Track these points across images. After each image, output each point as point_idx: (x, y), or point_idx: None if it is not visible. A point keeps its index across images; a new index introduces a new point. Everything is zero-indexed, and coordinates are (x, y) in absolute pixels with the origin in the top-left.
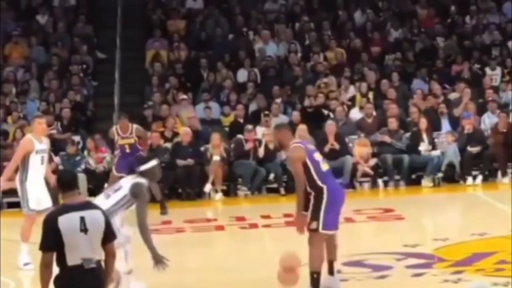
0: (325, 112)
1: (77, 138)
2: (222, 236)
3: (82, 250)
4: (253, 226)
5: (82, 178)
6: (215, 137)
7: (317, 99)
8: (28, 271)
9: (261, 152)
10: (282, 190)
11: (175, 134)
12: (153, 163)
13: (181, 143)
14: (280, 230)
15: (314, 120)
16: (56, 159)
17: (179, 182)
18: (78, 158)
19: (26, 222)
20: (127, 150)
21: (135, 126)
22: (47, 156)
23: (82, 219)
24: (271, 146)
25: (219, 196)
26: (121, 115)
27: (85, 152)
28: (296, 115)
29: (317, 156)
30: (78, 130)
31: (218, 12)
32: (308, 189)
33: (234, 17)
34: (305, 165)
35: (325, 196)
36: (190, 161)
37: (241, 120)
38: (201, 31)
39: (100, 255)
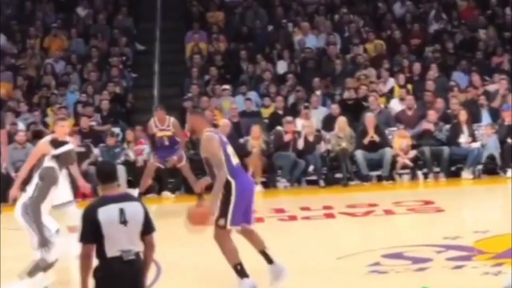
0: (365, 104)
1: (116, 130)
2: (261, 228)
3: (121, 241)
4: (293, 218)
5: (121, 170)
6: (255, 129)
7: (358, 91)
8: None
9: (300, 144)
10: (322, 182)
11: (215, 126)
12: (67, 147)
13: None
14: (319, 222)
15: (354, 112)
16: (96, 150)
17: None
18: (117, 150)
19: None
20: (166, 143)
21: (172, 119)
22: None
23: (122, 210)
24: (310, 138)
25: (258, 188)
26: (158, 107)
27: (125, 144)
28: (335, 107)
29: (229, 149)
30: (118, 122)
31: (257, 4)
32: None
33: (273, 8)
34: None
35: (233, 191)
36: None
37: (281, 112)
38: (241, 23)
39: (139, 247)
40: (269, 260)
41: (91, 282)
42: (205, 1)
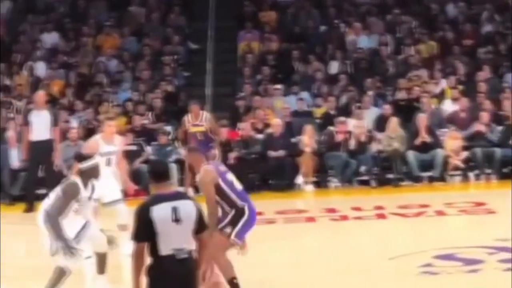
0: (417, 105)
1: (168, 128)
2: (313, 228)
3: (174, 240)
4: (344, 218)
5: (173, 169)
6: (307, 129)
7: (410, 92)
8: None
9: (352, 144)
10: (373, 183)
11: (266, 125)
12: (92, 162)
13: (273, 135)
14: (370, 222)
15: (406, 112)
16: (148, 149)
17: (271, 173)
18: (169, 148)
19: None
20: (199, 137)
21: (207, 114)
22: (115, 158)
23: (175, 209)
24: (362, 138)
25: (310, 187)
26: (192, 102)
27: (177, 143)
28: (387, 107)
29: (230, 176)
30: (170, 120)
31: (310, 4)
32: (227, 209)
33: (326, 9)
34: (218, 187)
35: (246, 214)
36: (281, 153)
37: (333, 112)
38: (293, 23)
39: (192, 245)
40: None
41: (143, 280)
42: (258, 0)
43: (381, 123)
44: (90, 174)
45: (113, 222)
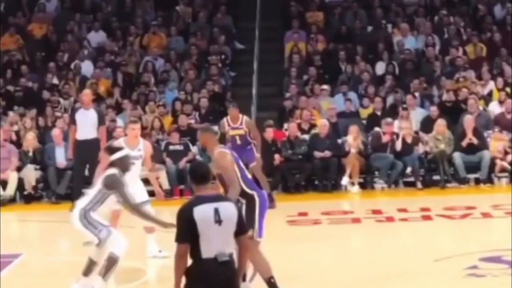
0: (464, 106)
1: (215, 128)
2: (358, 229)
3: (216, 242)
4: (390, 219)
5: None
6: (353, 130)
7: (458, 93)
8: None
9: (398, 145)
10: (419, 184)
11: (312, 125)
12: (122, 153)
13: (319, 135)
14: (416, 224)
15: (452, 114)
16: (194, 149)
17: (316, 173)
18: None
19: (112, 218)
20: (238, 142)
21: (245, 117)
22: (140, 162)
23: (216, 210)
24: (408, 139)
25: (356, 188)
26: (231, 105)
27: None
28: (434, 109)
29: (242, 164)
30: (216, 120)
31: (357, 5)
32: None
33: (373, 9)
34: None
35: (257, 203)
36: (327, 153)
37: (379, 113)
38: (340, 24)
39: (233, 248)
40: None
41: (183, 281)
42: (305, 1)
43: (427, 125)
44: (121, 165)
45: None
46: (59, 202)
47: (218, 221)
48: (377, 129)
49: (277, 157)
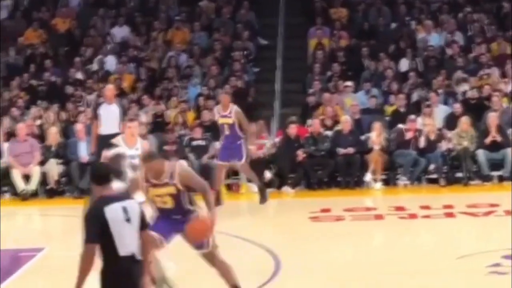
0: (487, 103)
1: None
2: (381, 225)
3: (129, 240)
4: (413, 216)
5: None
6: (376, 126)
7: (481, 90)
8: None
9: (421, 142)
10: (442, 181)
11: (336, 122)
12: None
13: (342, 131)
14: (439, 221)
15: (476, 111)
16: (216, 144)
17: (339, 170)
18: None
19: None
20: (226, 132)
21: (235, 107)
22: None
23: (125, 209)
24: (432, 136)
25: (378, 185)
26: (223, 92)
27: None
28: (457, 106)
29: None
30: None
31: (381, 1)
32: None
33: (397, 6)
34: None
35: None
36: (350, 150)
37: (402, 110)
38: (364, 20)
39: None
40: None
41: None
42: None
43: (451, 122)
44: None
45: None
46: (81, 197)
47: (128, 219)
48: (400, 125)
49: (300, 153)
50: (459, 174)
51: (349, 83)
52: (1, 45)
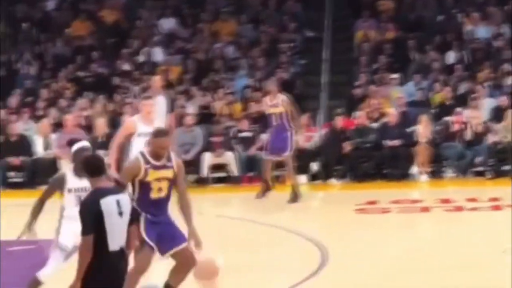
0: None
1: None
2: (427, 218)
3: (119, 234)
4: (459, 209)
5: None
6: (423, 119)
7: None
8: None
9: (468, 134)
10: (489, 174)
11: (382, 114)
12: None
13: (388, 124)
14: (486, 214)
15: None
16: (263, 136)
17: (385, 162)
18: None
19: None
20: (274, 122)
21: (283, 96)
22: None
23: (118, 202)
24: (478, 129)
25: (425, 177)
26: (270, 81)
27: None
28: (504, 99)
29: None
30: None
31: None
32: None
33: None
34: None
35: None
36: (396, 142)
37: (449, 102)
38: (410, 12)
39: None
40: None
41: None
42: None
43: (497, 114)
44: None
45: None
46: None
47: (120, 213)
48: (446, 118)
49: (346, 145)
50: (506, 167)
51: (395, 75)
52: (48, 36)
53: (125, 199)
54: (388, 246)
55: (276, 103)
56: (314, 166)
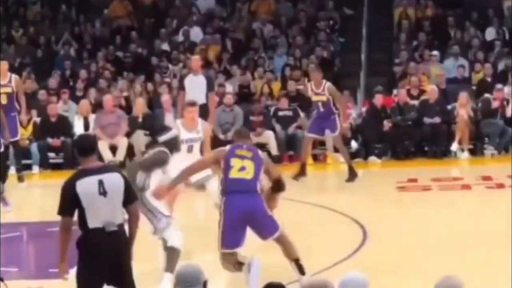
0: None
1: None
2: (468, 195)
3: (102, 213)
4: (500, 186)
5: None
6: (463, 96)
7: None
8: None
9: (508, 111)
10: None
11: (422, 91)
12: (171, 134)
13: (428, 101)
14: None
15: None
16: (302, 114)
17: (426, 140)
18: None
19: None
20: (321, 109)
21: (328, 83)
22: (198, 145)
23: (101, 182)
24: None
25: (465, 155)
26: (314, 69)
27: None
28: None
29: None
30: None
31: None
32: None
33: None
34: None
35: (222, 209)
36: (437, 119)
37: (489, 79)
38: None
39: (121, 218)
40: (301, 271)
41: (73, 253)
42: None
43: None
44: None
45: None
46: None
47: (103, 192)
48: (487, 95)
49: (386, 123)
50: None
51: (435, 52)
52: (87, 17)
53: (112, 179)
54: (429, 224)
55: (321, 92)
56: (354, 144)
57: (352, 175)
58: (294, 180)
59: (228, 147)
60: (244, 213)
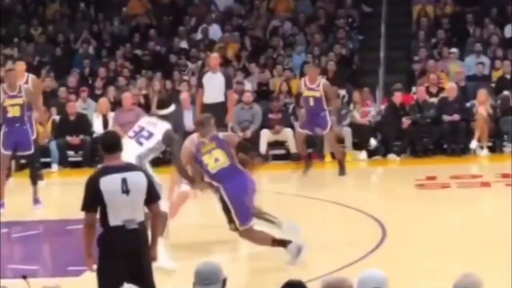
0: None
1: (342, 91)
2: (488, 192)
3: (124, 211)
4: None
5: (348, 132)
6: (482, 93)
7: None
8: None
9: None
10: None
11: (441, 89)
12: (171, 108)
13: (447, 98)
14: None
15: None
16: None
17: (445, 137)
18: (343, 111)
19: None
20: (311, 103)
21: (323, 80)
22: None
23: (124, 180)
24: None
25: (484, 152)
26: (311, 64)
27: (351, 106)
28: None
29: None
30: (344, 83)
31: None
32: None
33: None
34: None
35: (223, 195)
36: (456, 117)
37: (508, 76)
38: None
39: (142, 216)
40: (284, 244)
41: (95, 250)
42: None
43: None
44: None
45: None
46: None
47: (126, 191)
48: (506, 92)
49: (405, 120)
50: None
51: (454, 49)
52: (105, 15)
53: (135, 177)
54: (448, 221)
55: (315, 87)
56: (373, 142)
57: (342, 169)
58: (304, 175)
59: (192, 148)
60: (242, 193)
